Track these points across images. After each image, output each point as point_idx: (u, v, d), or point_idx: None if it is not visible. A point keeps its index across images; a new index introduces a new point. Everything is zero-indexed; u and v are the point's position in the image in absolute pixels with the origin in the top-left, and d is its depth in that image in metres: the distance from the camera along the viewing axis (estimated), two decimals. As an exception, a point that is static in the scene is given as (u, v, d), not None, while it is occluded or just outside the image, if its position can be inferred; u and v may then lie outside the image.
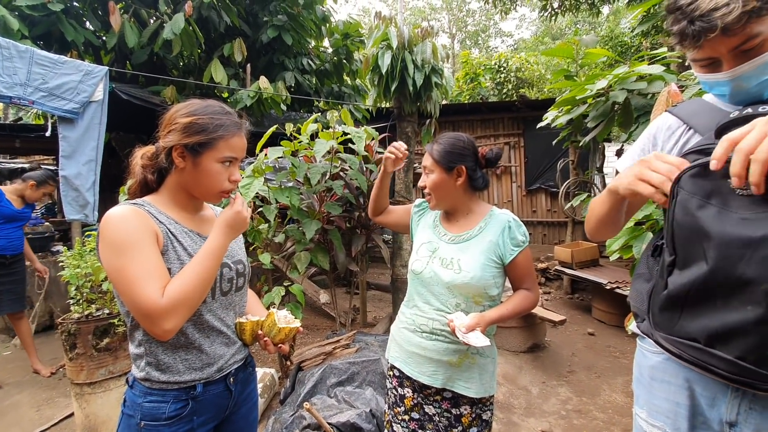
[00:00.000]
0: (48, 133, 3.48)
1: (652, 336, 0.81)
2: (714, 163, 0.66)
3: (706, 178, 0.70)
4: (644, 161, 0.78)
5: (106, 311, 2.34)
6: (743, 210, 0.66)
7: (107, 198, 3.68)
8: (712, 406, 0.82)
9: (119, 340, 2.32)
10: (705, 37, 0.75)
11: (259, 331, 1.11)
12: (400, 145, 1.46)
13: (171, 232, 0.99)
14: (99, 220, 3.29)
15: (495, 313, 1.25)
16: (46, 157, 8.32)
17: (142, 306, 0.87)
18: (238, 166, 1.07)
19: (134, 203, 0.98)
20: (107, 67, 3.22)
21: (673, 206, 0.74)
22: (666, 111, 0.96)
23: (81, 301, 2.31)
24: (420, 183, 1.41)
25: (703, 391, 0.83)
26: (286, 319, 1.10)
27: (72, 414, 2.53)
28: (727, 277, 0.66)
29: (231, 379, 1.09)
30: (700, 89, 2.14)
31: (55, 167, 5.36)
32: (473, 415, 1.34)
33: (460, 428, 1.33)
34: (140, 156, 1.08)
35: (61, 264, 2.37)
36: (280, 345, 1.12)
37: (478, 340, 1.14)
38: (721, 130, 0.76)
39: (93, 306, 2.33)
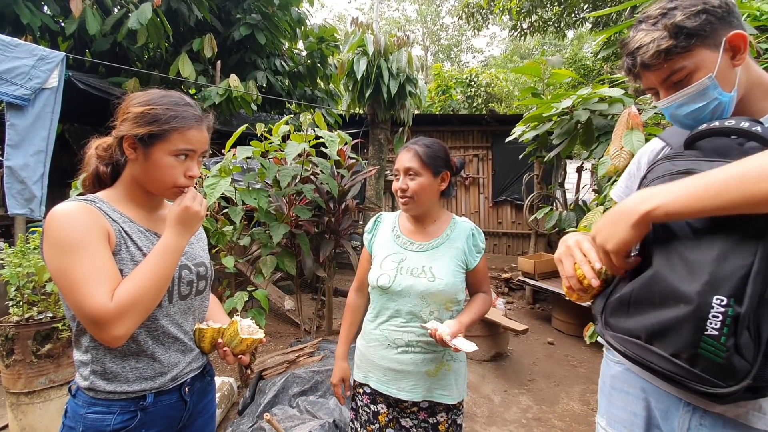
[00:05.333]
0: (-8, 120, 3.23)
1: (603, 336, 0.85)
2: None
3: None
4: (570, 248, 0.92)
5: (49, 314, 2.16)
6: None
7: (57, 193, 3.44)
8: (665, 419, 0.84)
9: (62, 347, 2.15)
10: (634, 70, 0.86)
11: (220, 340, 1.05)
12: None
13: (124, 231, 0.92)
14: (46, 216, 3.09)
15: (467, 318, 1.28)
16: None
17: (88, 311, 0.80)
18: (197, 160, 0.99)
19: (84, 199, 0.91)
20: (64, 53, 3.03)
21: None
22: (656, 137, 1.02)
23: (21, 303, 2.13)
24: (400, 185, 1.31)
25: (657, 404, 0.86)
26: (249, 329, 1.05)
27: (6, 426, 2.32)
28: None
29: (186, 389, 1.02)
30: (656, 113, 2.29)
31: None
32: (449, 422, 1.34)
33: None
34: (95, 147, 1.01)
35: (0, 262, 2.18)
36: (240, 356, 1.06)
37: (466, 345, 1.16)
38: (690, 142, 0.83)
39: (35, 309, 2.16)
